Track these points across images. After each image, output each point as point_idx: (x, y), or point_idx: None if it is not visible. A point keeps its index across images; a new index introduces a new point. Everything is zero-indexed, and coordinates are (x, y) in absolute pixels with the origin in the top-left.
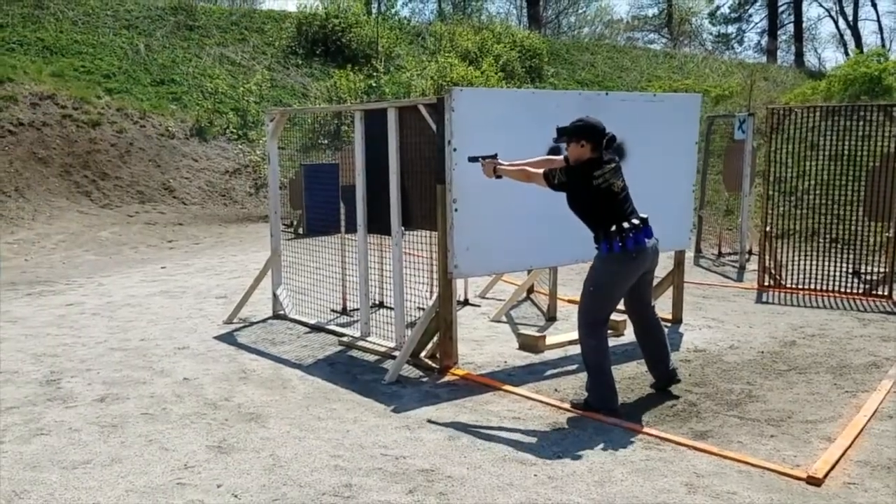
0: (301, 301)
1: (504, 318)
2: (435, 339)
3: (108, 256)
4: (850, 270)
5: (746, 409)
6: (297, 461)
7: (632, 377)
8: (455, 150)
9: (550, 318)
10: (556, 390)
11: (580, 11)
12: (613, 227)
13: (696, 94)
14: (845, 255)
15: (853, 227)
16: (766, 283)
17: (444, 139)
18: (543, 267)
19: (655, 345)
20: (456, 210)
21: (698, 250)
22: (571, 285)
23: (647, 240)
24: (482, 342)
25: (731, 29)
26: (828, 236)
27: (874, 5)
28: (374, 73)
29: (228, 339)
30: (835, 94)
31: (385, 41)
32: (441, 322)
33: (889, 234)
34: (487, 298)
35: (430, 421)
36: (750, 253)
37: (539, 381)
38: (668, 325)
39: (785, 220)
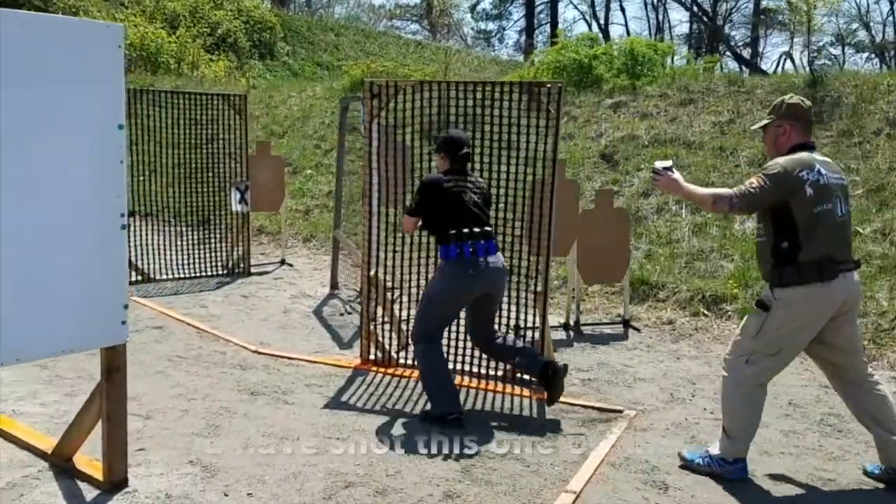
0: None
1: None
2: None
3: None
4: (508, 323)
5: None
6: None
7: None
8: None
9: None
10: None
11: None
12: None
13: (112, 23)
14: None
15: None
16: (372, 358)
17: None
18: None
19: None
20: None
21: (334, 286)
22: None
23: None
24: None
25: (493, 26)
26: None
27: (623, 10)
28: None
29: None
30: None
31: None
32: None
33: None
34: None
35: None
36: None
37: None
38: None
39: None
